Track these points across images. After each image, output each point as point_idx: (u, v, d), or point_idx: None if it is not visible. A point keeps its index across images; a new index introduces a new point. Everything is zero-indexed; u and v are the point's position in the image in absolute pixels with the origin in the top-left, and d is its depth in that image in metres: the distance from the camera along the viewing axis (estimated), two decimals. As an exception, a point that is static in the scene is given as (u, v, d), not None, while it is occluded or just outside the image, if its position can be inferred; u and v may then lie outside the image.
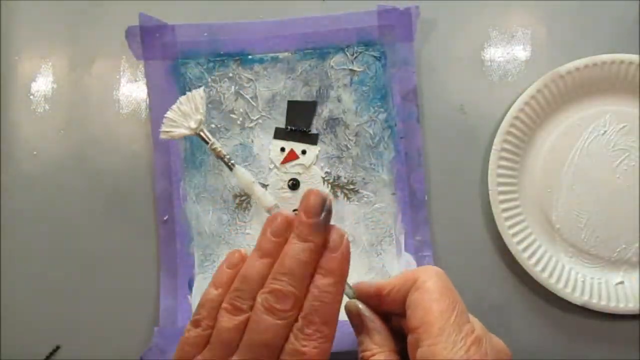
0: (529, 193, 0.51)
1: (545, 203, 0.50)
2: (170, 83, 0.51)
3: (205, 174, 0.51)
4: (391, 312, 0.37)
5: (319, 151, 0.51)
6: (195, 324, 0.34)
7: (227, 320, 0.33)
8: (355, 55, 0.51)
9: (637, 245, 0.50)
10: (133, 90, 0.53)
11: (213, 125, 0.51)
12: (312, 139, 0.51)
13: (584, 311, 0.49)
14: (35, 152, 0.52)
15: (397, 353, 0.36)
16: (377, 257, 0.50)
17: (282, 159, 0.51)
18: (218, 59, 0.51)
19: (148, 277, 0.51)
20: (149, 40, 0.51)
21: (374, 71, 0.51)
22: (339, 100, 0.51)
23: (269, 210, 0.39)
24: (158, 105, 0.51)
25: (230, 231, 0.50)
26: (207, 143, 0.40)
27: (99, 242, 0.51)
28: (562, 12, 0.52)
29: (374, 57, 0.51)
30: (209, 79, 0.51)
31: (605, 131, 0.51)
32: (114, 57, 0.53)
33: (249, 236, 0.51)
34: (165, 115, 0.41)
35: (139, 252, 0.51)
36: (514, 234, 0.49)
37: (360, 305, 0.37)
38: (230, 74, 0.51)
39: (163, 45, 0.51)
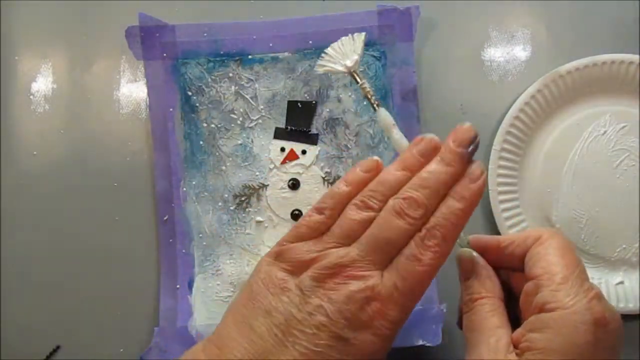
0: (529, 193, 0.51)
1: (545, 203, 0.50)
2: (170, 83, 0.51)
3: (205, 174, 0.51)
4: (504, 266, 0.38)
5: (319, 151, 0.51)
6: (319, 210, 0.36)
7: (354, 214, 0.35)
8: (355, 55, 0.51)
9: (637, 245, 0.50)
10: (133, 90, 0.53)
11: (213, 126, 0.51)
12: (312, 139, 0.51)
13: (584, 311, 0.49)
14: (35, 152, 0.52)
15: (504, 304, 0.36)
16: (377, 257, 0.50)
17: (282, 159, 0.51)
18: (218, 59, 0.51)
19: (148, 277, 0.51)
20: (149, 40, 0.51)
21: (374, 71, 0.51)
22: (339, 100, 0.51)
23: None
24: (158, 105, 0.51)
25: (230, 231, 0.50)
26: (358, 83, 0.42)
27: (99, 242, 0.51)
28: (562, 12, 0.52)
29: (374, 57, 0.51)
30: (209, 79, 0.51)
31: (605, 131, 0.51)
32: (114, 57, 0.53)
33: (248, 236, 0.50)
34: (325, 51, 0.44)
35: (139, 252, 0.51)
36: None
37: (475, 254, 0.38)
38: (230, 74, 0.51)
39: (163, 45, 0.51)
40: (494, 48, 0.53)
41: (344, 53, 0.43)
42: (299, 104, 0.51)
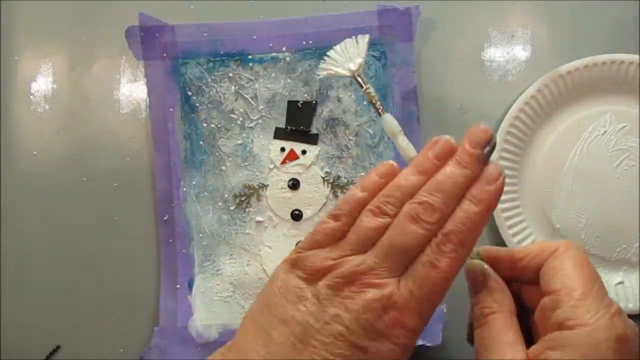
0: (529, 193, 0.51)
1: (545, 203, 0.50)
2: (170, 83, 0.51)
3: (205, 174, 0.51)
4: (517, 279, 0.37)
5: (319, 151, 0.51)
6: (335, 217, 0.35)
7: (369, 220, 0.34)
8: (355, 55, 0.51)
9: (637, 245, 0.50)
10: (133, 90, 0.53)
11: (213, 126, 0.51)
12: (312, 139, 0.51)
13: (584, 311, 0.49)
14: (35, 152, 0.52)
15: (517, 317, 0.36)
16: (377, 257, 0.50)
17: (282, 159, 0.51)
18: (218, 59, 0.51)
19: (148, 277, 0.51)
20: (149, 40, 0.51)
21: (374, 71, 0.51)
22: (339, 100, 0.51)
23: (410, 160, 0.39)
24: (158, 105, 0.51)
25: (230, 231, 0.50)
26: (362, 87, 0.41)
27: (99, 242, 0.51)
28: (562, 12, 0.52)
29: (374, 57, 0.51)
30: (209, 79, 0.51)
31: (605, 131, 0.51)
32: (114, 57, 0.53)
33: (248, 236, 0.50)
34: (327, 53, 0.43)
35: (139, 252, 0.51)
36: (514, 234, 0.49)
37: (486, 266, 0.37)
38: (230, 74, 0.51)
39: (163, 45, 0.51)
40: (494, 48, 0.53)
41: (348, 56, 0.42)
42: (299, 104, 0.51)
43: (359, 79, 0.42)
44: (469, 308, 0.37)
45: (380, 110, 0.41)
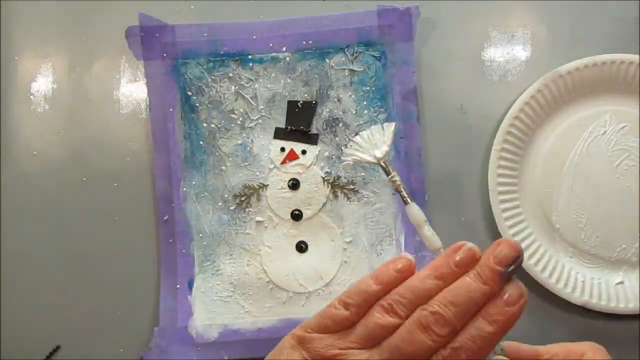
0: (529, 193, 0.51)
1: (545, 203, 0.50)
2: (170, 83, 0.51)
3: (205, 174, 0.51)
4: None
5: (319, 151, 0.51)
6: (345, 306, 0.35)
7: (380, 317, 0.34)
8: (355, 55, 0.51)
9: (637, 245, 0.50)
10: (133, 90, 0.53)
11: (213, 125, 0.51)
12: (312, 139, 0.51)
13: (584, 311, 0.49)
14: (35, 152, 0.52)
15: None
16: (377, 257, 0.50)
17: (282, 159, 0.51)
18: (218, 59, 0.51)
19: (148, 277, 0.51)
20: (149, 40, 0.51)
21: (374, 71, 0.51)
22: (339, 100, 0.51)
23: (434, 251, 0.40)
24: (158, 105, 0.51)
25: (230, 231, 0.50)
26: (388, 175, 0.42)
27: (99, 242, 0.51)
28: (562, 12, 0.52)
29: (374, 57, 0.51)
30: (209, 79, 0.51)
31: (605, 131, 0.51)
32: (114, 57, 0.53)
33: (248, 236, 0.50)
34: (353, 139, 0.44)
35: (139, 252, 0.51)
36: (514, 234, 0.49)
37: None
38: (230, 74, 0.51)
39: (163, 45, 0.51)
40: (494, 48, 0.53)
41: (374, 142, 0.43)
42: (299, 104, 0.51)
43: (385, 166, 0.42)
44: None
45: (405, 199, 0.41)
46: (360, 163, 0.43)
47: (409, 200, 0.41)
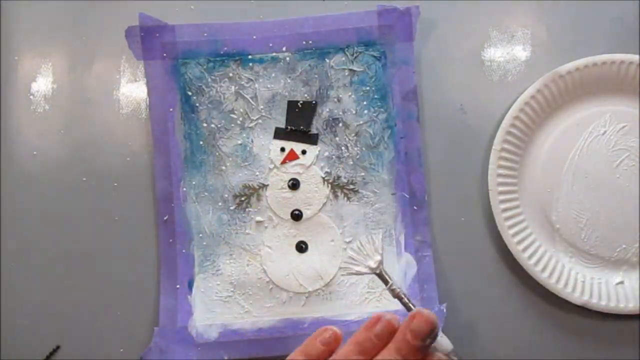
0: (529, 193, 0.51)
1: (545, 203, 0.50)
2: (170, 83, 0.51)
3: (205, 174, 0.51)
4: None
5: (319, 151, 0.51)
6: None
7: None
8: (355, 55, 0.51)
9: (637, 245, 0.50)
10: (133, 90, 0.53)
11: (213, 125, 0.51)
12: (312, 139, 0.51)
13: (584, 311, 0.49)
14: (35, 152, 0.52)
15: None
16: (377, 257, 0.50)
17: (282, 159, 0.51)
18: (218, 59, 0.51)
19: (148, 277, 0.51)
20: (149, 40, 0.51)
21: (374, 71, 0.51)
22: (339, 100, 0.51)
23: (447, 355, 0.41)
24: (158, 105, 0.51)
25: (230, 231, 0.50)
26: (387, 284, 0.43)
27: (99, 242, 0.51)
28: (562, 12, 0.52)
29: (374, 57, 0.51)
30: (209, 79, 0.51)
31: (605, 131, 0.51)
32: (114, 57, 0.53)
33: (248, 236, 0.50)
34: (348, 253, 0.46)
35: (139, 252, 0.51)
36: (514, 234, 0.49)
37: None
38: (230, 74, 0.51)
39: (163, 45, 0.51)
40: (494, 48, 0.53)
41: (366, 254, 0.44)
42: (299, 104, 0.51)
43: (381, 275, 0.43)
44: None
45: (409, 306, 0.42)
46: (359, 275, 0.45)
47: (413, 307, 0.42)
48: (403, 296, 0.42)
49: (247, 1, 0.53)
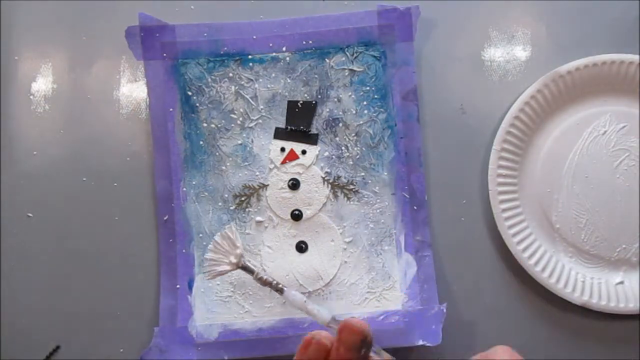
0: (529, 193, 0.51)
1: (545, 203, 0.50)
2: (170, 83, 0.51)
3: (205, 174, 0.51)
4: None
5: (319, 151, 0.51)
6: None
7: None
8: (355, 55, 0.51)
9: (637, 245, 0.50)
10: (133, 90, 0.53)
11: (213, 125, 0.51)
12: (312, 139, 0.51)
13: (584, 311, 0.50)
14: (35, 152, 0.52)
15: None
16: (377, 257, 0.50)
17: (282, 159, 0.51)
18: (218, 59, 0.51)
19: (148, 277, 0.51)
20: (149, 40, 0.51)
21: (374, 71, 0.51)
22: (339, 100, 0.51)
23: (327, 325, 0.41)
24: (158, 105, 0.51)
25: (230, 231, 0.50)
26: (252, 274, 0.44)
27: (99, 242, 0.51)
28: (562, 12, 0.52)
29: (374, 57, 0.51)
30: (209, 79, 0.51)
31: (605, 131, 0.51)
32: (114, 57, 0.53)
33: (248, 236, 0.50)
34: (205, 257, 0.47)
35: (139, 252, 0.51)
36: (514, 234, 0.49)
37: None
38: (230, 74, 0.51)
39: (163, 45, 0.51)
40: (494, 48, 0.53)
41: (225, 251, 0.46)
42: (299, 104, 0.51)
43: (245, 267, 0.45)
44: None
45: (278, 288, 0.44)
46: (224, 274, 0.46)
47: (283, 287, 0.43)
48: (272, 281, 0.43)
49: (247, 1, 0.53)
